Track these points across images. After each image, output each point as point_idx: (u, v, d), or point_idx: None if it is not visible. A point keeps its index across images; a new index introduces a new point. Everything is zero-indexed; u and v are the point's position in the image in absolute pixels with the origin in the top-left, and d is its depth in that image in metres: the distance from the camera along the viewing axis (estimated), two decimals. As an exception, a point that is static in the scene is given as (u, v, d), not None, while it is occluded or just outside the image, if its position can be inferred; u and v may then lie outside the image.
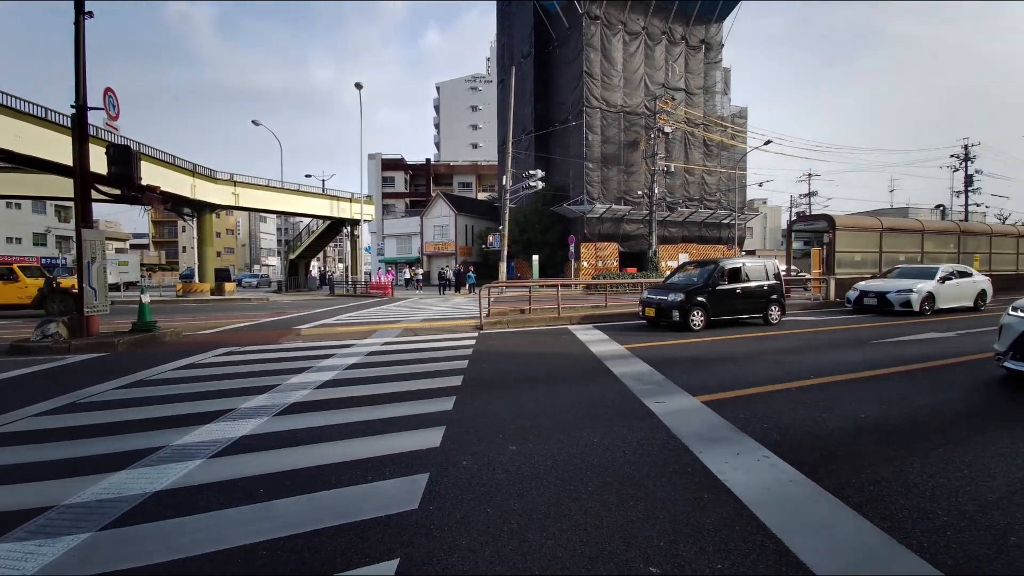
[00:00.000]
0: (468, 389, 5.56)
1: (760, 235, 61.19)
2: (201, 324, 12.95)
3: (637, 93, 33.39)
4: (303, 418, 4.53)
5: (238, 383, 5.92)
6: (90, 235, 8.80)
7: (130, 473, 3.34)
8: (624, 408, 4.78)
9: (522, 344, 9.00)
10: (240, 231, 78.80)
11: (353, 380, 6.03)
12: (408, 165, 59.78)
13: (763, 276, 11.29)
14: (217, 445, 3.84)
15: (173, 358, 7.71)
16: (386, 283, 27.56)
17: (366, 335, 10.26)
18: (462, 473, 3.33)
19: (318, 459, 3.55)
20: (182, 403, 5.07)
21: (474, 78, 77.61)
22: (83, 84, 9.39)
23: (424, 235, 43.92)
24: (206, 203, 28.41)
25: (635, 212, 32.87)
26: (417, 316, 14.37)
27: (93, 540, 2.54)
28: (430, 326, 11.74)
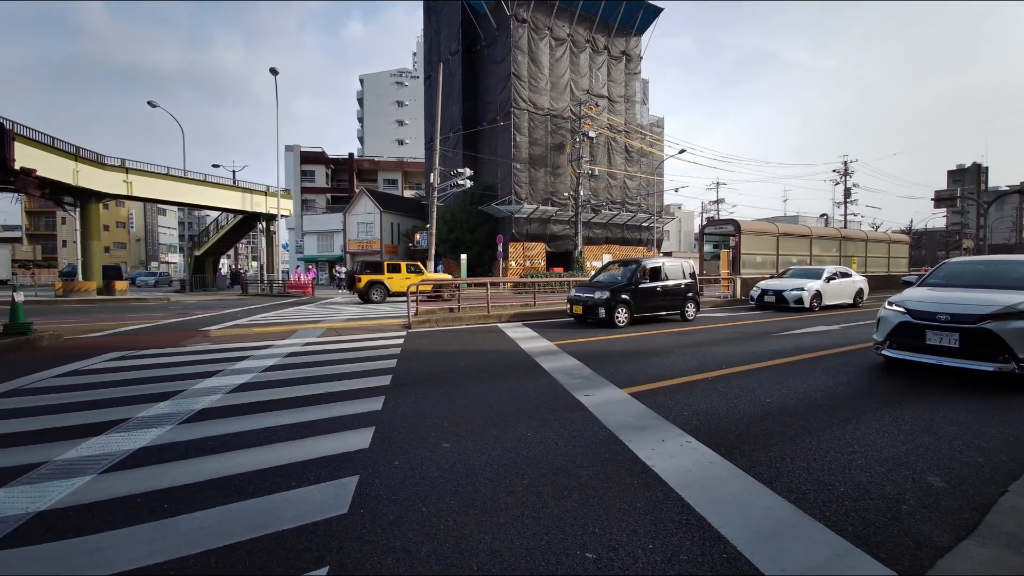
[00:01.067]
0: (397, 388, 5.39)
1: (676, 237, 65.32)
2: (86, 327, 11.48)
3: (563, 97, 34.30)
4: (214, 425, 4.15)
5: (134, 390, 5.30)
6: (-58, 223, 7.48)
7: (8, 492, 2.88)
8: (555, 402, 4.86)
9: (452, 342, 8.90)
10: (134, 224, 71.04)
11: (272, 383, 5.63)
12: (330, 159, 57.08)
13: (680, 275, 12.03)
14: (110, 459, 3.41)
15: (53, 364, 6.76)
16: (306, 282, 26.12)
17: (285, 336, 9.64)
18: (394, 473, 3.21)
19: (232, 468, 3.26)
20: (66, 414, 4.45)
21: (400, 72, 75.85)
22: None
23: (347, 232, 42.13)
24: (92, 191, 25.25)
25: (561, 213, 33.74)
26: (341, 316, 13.74)
27: (-50, 576, 2.15)
28: (355, 326, 11.27)
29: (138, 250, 71.55)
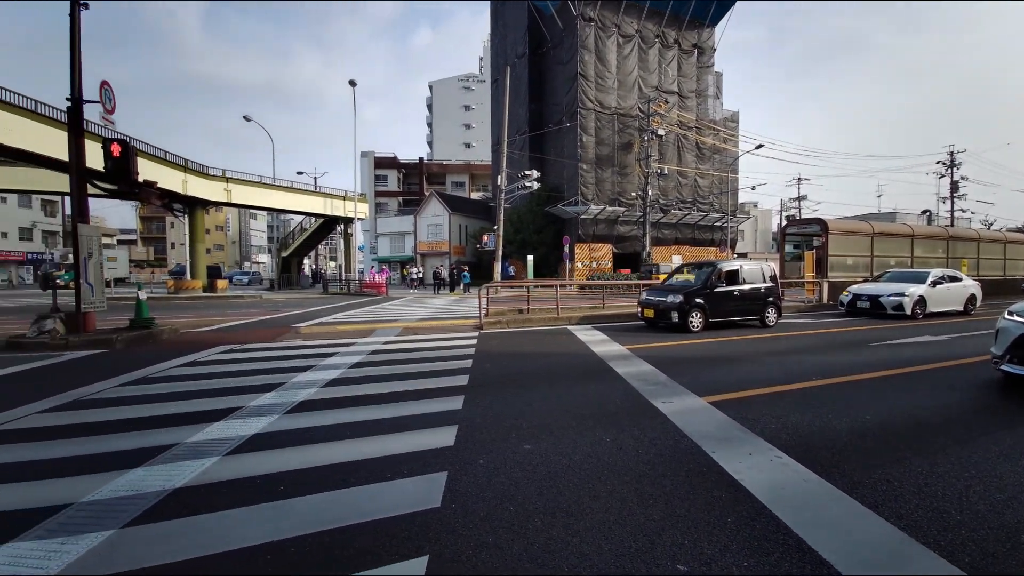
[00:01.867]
0: (475, 388, 5.57)
1: (751, 238, 61.87)
2: (197, 321, 12.81)
3: (631, 95, 33.58)
4: (314, 416, 4.52)
5: (243, 381, 5.88)
6: (86, 230, 8.67)
7: (147, 470, 3.31)
8: (632, 408, 4.82)
9: (524, 344, 9.03)
10: (230, 228, 77.91)
11: (359, 379, 6.02)
12: (401, 163, 59.56)
13: (760, 279, 11.43)
14: (231, 443, 3.82)
15: (174, 355, 7.63)
16: (380, 282, 27.43)
17: (366, 334, 10.22)
18: (480, 472, 3.34)
19: (334, 457, 3.55)
20: (190, 400, 5.03)
21: (467, 77, 77.57)
22: (79, 77, 9.25)
23: (418, 234, 43.76)
24: (198, 199, 28.09)
25: (629, 214, 33.06)
26: (414, 315, 14.33)
27: (117, 537, 2.52)
28: (429, 325, 11.72)
29: (234, 251, 78.45)
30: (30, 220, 53.05)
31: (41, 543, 2.47)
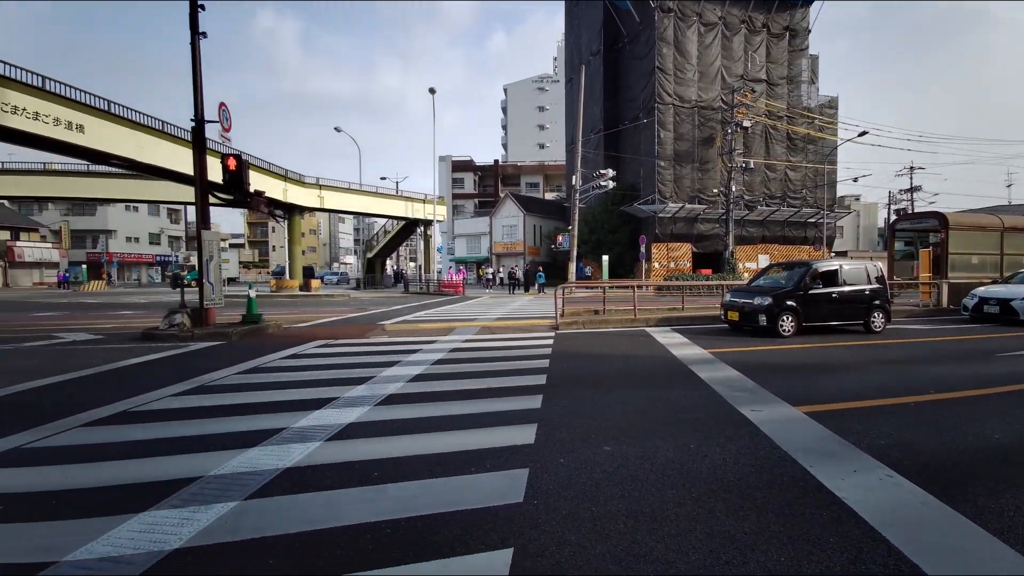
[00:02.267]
0: (553, 388, 5.62)
1: (851, 234, 56.48)
2: (296, 318, 14.01)
3: (713, 87, 31.94)
4: (401, 409, 4.79)
5: (338, 374, 6.36)
6: (208, 236, 9.83)
7: (262, 450, 3.70)
8: (717, 414, 4.63)
9: (601, 345, 8.94)
10: (321, 231, 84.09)
11: (441, 375, 6.28)
12: (477, 166, 61.02)
13: (864, 279, 10.43)
14: (330, 430, 4.15)
15: (279, 348, 8.42)
16: (457, 282, 28.30)
17: (446, 332, 10.62)
18: (560, 471, 3.38)
19: (421, 448, 3.75)
20: (294, 389, 5.53)
21: (541, 78, 77.81)
22: (200, 100, 10.46)
23: (493, 235, 44.61)
24: (296, 206, 30.69)
25: (710, 211, 31.50)
26: (491, 315, 14.65)
27: (240, 508, 2.84)
28: (506, 325, 11.94)
29: (324, 253, 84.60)
30: (158, 227, 60.64)
31: (176, 511, 2.83)
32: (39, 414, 4.67)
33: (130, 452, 3.74)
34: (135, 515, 2.75)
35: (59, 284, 41.85)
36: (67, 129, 18.01)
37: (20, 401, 5.30)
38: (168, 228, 61.60)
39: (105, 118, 19.51)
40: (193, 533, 2.58)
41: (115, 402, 5.05)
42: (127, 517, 2.73)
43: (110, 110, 19.64)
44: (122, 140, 20.16)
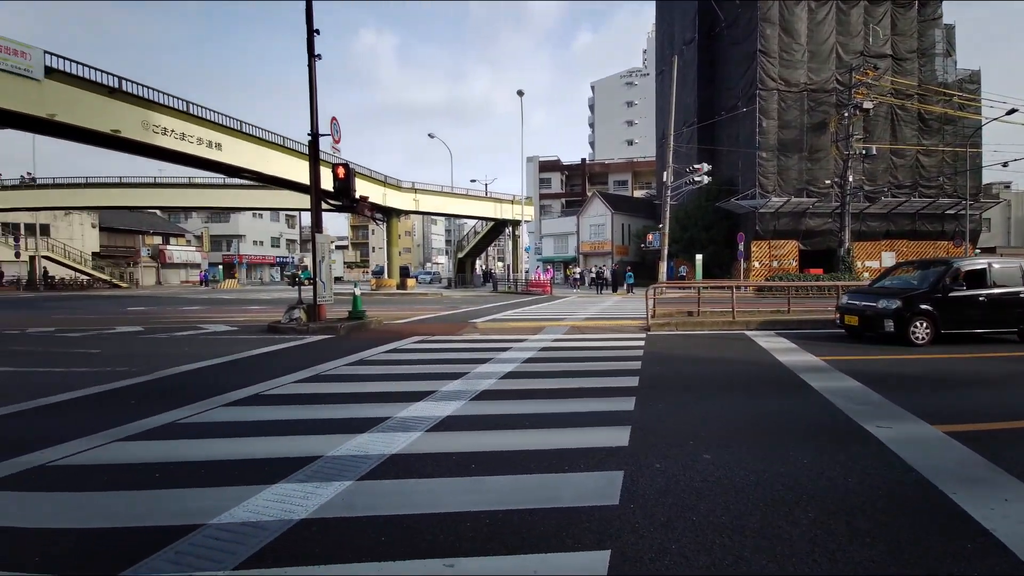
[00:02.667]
0: (647, 390, 5.46)
1: (1001, 228, 48.48)
2: (394, 314, 14.95)
3: (826, 67, 28.99)
4: (495, 405, 4.93)
5: (434, 368, 6.69)
6: (321, 239, 10.85)
7: (370, 436, 4.00)
8: (834, 429, 4.22)
9: (696, 348, 8.53)
10: (415, 233, 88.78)
11: (532, 373, 6.37)
12: (564, 166, 60.82)
13: (1018, 281, 8.91)
14: (429, 421, 4.39)
15: (381, 343, 9.05)
16: (545, 281, 28.46)
17: (535, 331, 10.73)
18: (657, 476, 3.28)
19: (514, 444, 3.83)
20: (395, 382, 5.92)
21: (630, 72, 75.71)
22: (316, 117, 11.53)
23: (580, 234, 44.25)
24: (394, 209, 32.75)
25: (821, 204, 28.65)
26: (580, 315, 14.56)
27: (355, 487, 3.10)
28: (595, 325, 11.81)
29: (418, 253, 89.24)
30: (278, 231, 67.77)
31: (301, 486, 3.15)
32: (190, 394, 5.43)
33: (262, 431, 4.23)
34: (268, 486, 3.10)
35: (200, 282, 48.37)
36: (207, 147, 20.74)
37: (175, 383, 6.21)
38: (286, 232, 68.68)
39: (238, 136, 22.18)
40: (316, 506, 2.86)
41: (249, 386, 5.73)
42: (261, 488, 3.09)
43: (242, 129, 22.30)
44: (251, 155, 22.80)
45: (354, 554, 2.38)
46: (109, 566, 2.28)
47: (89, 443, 3.91)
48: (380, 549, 2.42)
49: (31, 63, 15.40)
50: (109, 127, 17.52)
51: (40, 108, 15.74)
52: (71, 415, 4.83)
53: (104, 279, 43.18)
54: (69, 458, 3.63)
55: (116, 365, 7.18)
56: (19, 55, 15.16)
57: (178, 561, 2.31)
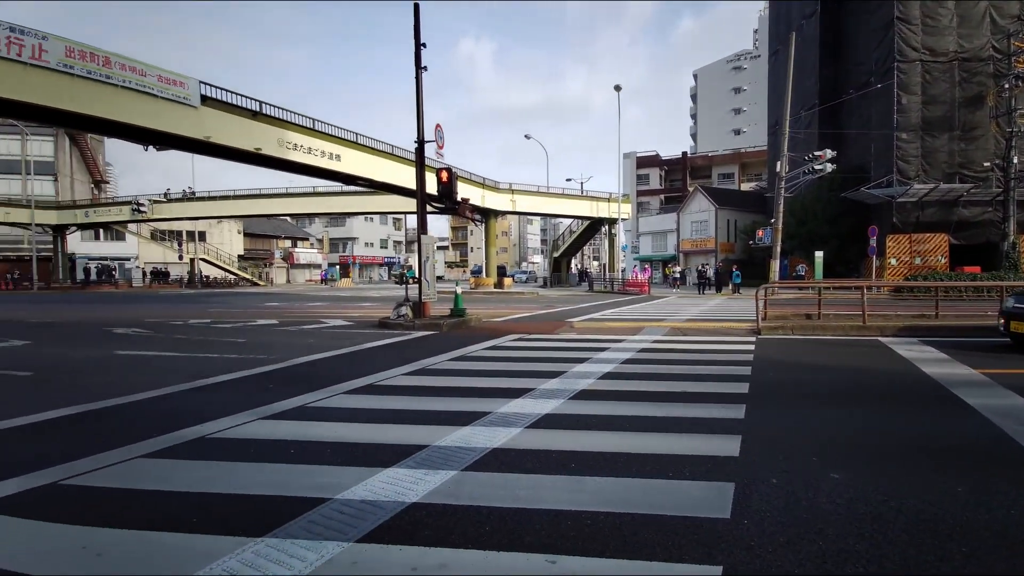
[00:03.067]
0: (759, 398, 5.06)
1: None
2: (492, 312, 15.40)
3: (979, 33, 24.62)
4: (594, 405, 4.87)
5: (533, 366, 6.78)
6: (426, 239, 11.53)
7: (472, 430, 4.16)
8: (1002, 455, 3.59)
9: (816, 354, 7.73)
10: (512, 233, 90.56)
11: (631, 375, 6.20)
12: (663, 161, 58.28)
13: None
14: (529, 418, 4.45)
15: (480, 340, 9.37)
16: (643, 280, 27.56)
17: (634, 331, 10.44)
18: (775, 492, 3.02)
19: (616, 446, 3.75)
20: (495, 378, 6.09)
21: (737, 56, 70.62)
22: (422, 124, 12.23)
23: (680, 231, 42.16)
24: (491, 210, 33.74)
25: (979, 191, 24.44)
26: (681, 315, 13.89)
27: (459, 477, 3.25)
28: (698, 326, 11.19)
29: (514, 253, 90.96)
30: (386, 234, 73.07)
31: (411, 471, 3.36)
32: (315, 381, 6.04)
33: (375, 418, 4.58)
34: (382, 469, 3.36)
35: (321, 281, 53.81)
36: (329, 159, 22.94)
37: (304, 371, 6.94)
38: (393, 235, 73.88)
39: (354, 147, 24.27)
40: (425, 492, 3.03)
41: (364, 376, 6.25)
42: (377, 470, 3.34)
43: (358, 141, 24.39)
44: (365, 164, 24.84)
45: (460, 540, 2.48)
46: (256, 527, 2.61)
47: (237, 420, 4.51)
48: (484, 538, 2.50)
49: (189, 92, 18.10)
50: (252, 146, 20.08)
51: (198, 131, 18.47)
52: (223, 395, 5.61)
53: (247, 278, 49.64)
54: (222, 432, 4.21)
55: (257, 353, 8.21)
56: (178, 85, 17.89)
57: (310, 529, 2.58)
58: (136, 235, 51.35)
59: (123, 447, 3.83)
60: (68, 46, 15.38)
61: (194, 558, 2.33)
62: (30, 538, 2.58)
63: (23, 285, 40.25)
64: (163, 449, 3.81)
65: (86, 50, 15.74)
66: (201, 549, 2.42)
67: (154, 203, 42.18)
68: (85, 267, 48.24)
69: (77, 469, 3.41)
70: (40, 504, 2.91)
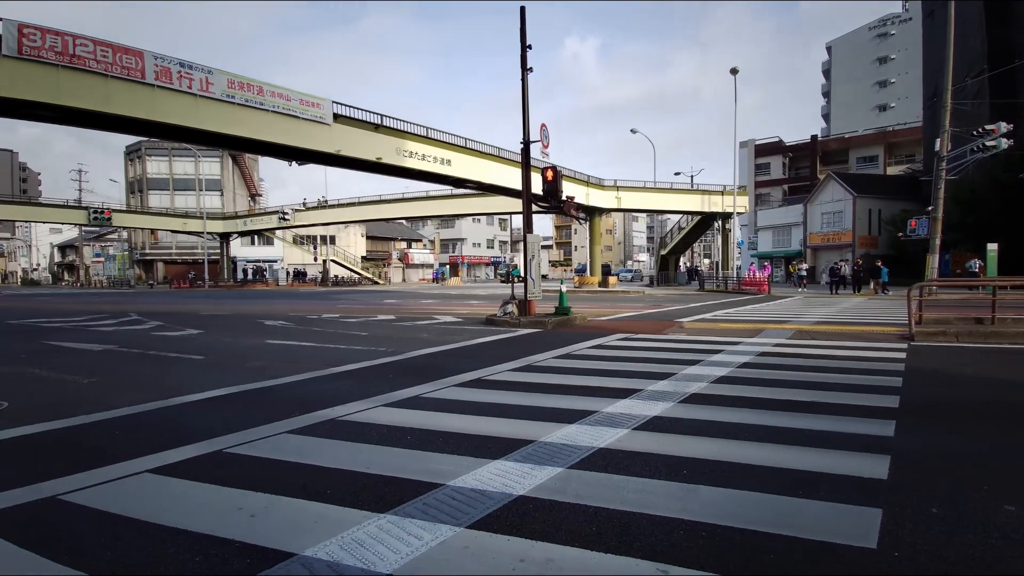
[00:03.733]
0: (912, 414, 4.37)
1: None
2: (597, 311, 15.18)
3: None
4: (706, 410, 4.57)
5: (640, 367, 6.55)
6: (531, 239, 11.70)
7: (578, 428, 4.13)
8: None
9: (989, 367, 6.49)
10: (616, 230, 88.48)
11: (750, 380, 5.72)
12: (787, 147, 52.85)
13: None
14: (637, 420, 4.31)
15: (585, 338, 9.29)
16: (761, 279, 25.30)
17: (752, 333, 9.62)
18: (934, 523, 2.59)
19: (733, 455, 3.47)
20: (601, 377, 5.99)
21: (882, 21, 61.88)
22: (527, 125, 12.42)
23: (808, 224, 37.96)
24: (596, 207, 33.27)
25: None
26: (809, 317, 12.52)
27: (566, 474, 3.23)
28: (830, 330, 10.00)
29: (619, 251, 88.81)
30: (492, 234, 75.50)
31: (518, 465, 3.41)
32: (429, 373, 6.43)
33: (483, 411, 4.74)
34: (491, 461, 3.46)
35: (433, 280, 57.21)
36: (440, 164, 24.29)
37: (418, 363, 7.41)
38: (499, 235, 76.12)
39: (463, 152, 25.44)
40: (532, 486, 3.06)
41: (473, 371, 6.51)
42: (485, 461, 3.45)
43: (466, 145, 25.52)
44: (473, 167, 25.91)
45: (567, 538, 2.47)
46: (378, 504, 2.84)
47: (363, 405, 4.95)
48: (591, 538, 2.47)
49: (323, 111, 20.27)
50: (374, 155, 21.96)
51: (330, 145, 20.62)
52: (350, 382, 6.19)
53: (368, 277, 54.48)
54: (350, 415, 4.65)
55: (378, 346, 8.94)
56: (315, 106, 20.11)
57: (425, 511, 2.75)
58: (281, 240, 58.98)
59: (272, 423, 4.40)
60: (229, 78, 18.04)
61: (329, 527, 2.60)
62: (196, 497, 3.06)
63: (197, 283, 48.14)
64: (303, 427, 4.31)
65: (244, 81, 18.35)
66: (335, 518, 2.69)
67: (295, 211, 48.04)
68: (243, 268, 56.38)
69: (237, 440, 3.99)
70: (206, 469, 3.44)
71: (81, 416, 4.78)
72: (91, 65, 15.04)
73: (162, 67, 16.49)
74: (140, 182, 60.78)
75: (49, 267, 76.28)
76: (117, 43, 15.69)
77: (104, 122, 16.83)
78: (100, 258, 63.24)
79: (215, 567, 2.29)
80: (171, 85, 16.59)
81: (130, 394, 5.60)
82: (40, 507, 2.90)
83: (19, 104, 14.42)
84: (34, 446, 4.03)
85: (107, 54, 15.37)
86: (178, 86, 16.74)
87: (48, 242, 75.94)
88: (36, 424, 4.53)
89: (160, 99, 16.50)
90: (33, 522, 2.74)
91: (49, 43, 14.36)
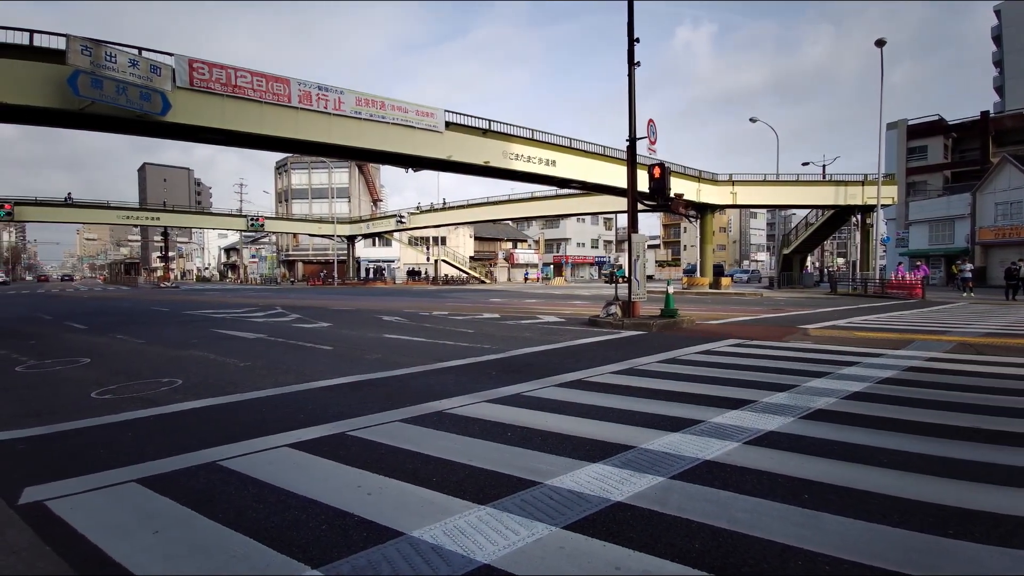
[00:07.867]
0: (1119, 453, 3.52)
1: None
2: (707, 314, 14.27)
3: None
4: (834, 429, 4.09)
5: (754, 376, 6.05)
6: (636, 239, 11.34)
7: (682, 437, 3.94)
8: None
9: None
10: (731, 228, 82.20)
11: (892, 398, 5.00)
12: (948, 126, 44.98)
13: None
14: (748, 433, 3.99)
15: (693, 343, 8.80)
16: (913, 281, 21.90)
17: (897, 345, 8.39)
18: None
19: (864, 482, 3.07)
20: (709, 384, 5.65)
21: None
22: (634, 122, 12.06)
23: (978, 217, 32.02)
24: (708, 204, 31.20)
25: None
26: (974, 328, 10.59)
27: (667, 485, 3.11)
28: (1003, 343, 8.36)
29: (734, 250, 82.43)
30: (596, 234, 74.38)
31: (617, 470, 3.34)
32: (530, 372, 6.54)
33: (583, 412, 4.70)
34: (589, 464, 3.44)
35: (537, 279, 58.04)
36: (545, 165, 24.50)
37: (520, 362, 7.56)
38: (603, 234, 74.76)
39: (567, 152, 25.41)
40: (630, 493, 2.99)
41: (574, 371, 6.50)
42: (584, 464, 3.44)
43: (572, 145, 25.46)
44: (577, 167, 25.76)
45: (666, 551, 2.38)
46: (478, 495, 2.97)
47: (467, 400, 5.19)
48: (693, 555, 2.35)
49: (436, 120, 21.50)
50: (482, 159, 22.81)
51: (442, 152, 21.80)
52: (456, 376, 6.51)
53: (475, 276, 56.74)
54: (455, 408, 4.90)
55: (483, 343, 9.29)
56: (429, 116, 21.39)
57: (523, 508, 2.82)
58: (398, 241, 63.74)
59: (387, 411, 4.80)
60: (357, 96, 19.91)
61: (434, 512, 2.78)
62: (323, 472, 3.44)
63: (328, 281, 53.91)
64: (413, 417, 4.64)
65: (368, 97, 20.14)
66: (439, 505, 2.88)
67: (411, 215, 51.64)
68: (366, 267, 61.96)
69: (357, 424, 4.41)
70: (332, 448, 3.85)
71: (237, 394, 5.63)
72: (248, 93, 17.58)
73: (304, 91, 18.74)
74: (286, 192, 69.61)
75: (217, 266, 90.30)
76: (269, 73, 18.17)
77: (257, 142, 19.56)
78: (255, 259, 73.52)
79: (338, 536, 2.57)
80: (311, 107, 18.79)
81: (274, 377, 6.47)
82: (203, 471, 3.47)
83: (194, 129, 17.29)
84: (198, 418, 4.82)
85: (261, 83, 17.86)
86: (316, 107, 18.89)
87: (216, 245, 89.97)
88: (203, 399, 5.42)
89: (302, 119, 18.76)
90: (194, 484, 3.29)
91: (215, 76, 17.03)
